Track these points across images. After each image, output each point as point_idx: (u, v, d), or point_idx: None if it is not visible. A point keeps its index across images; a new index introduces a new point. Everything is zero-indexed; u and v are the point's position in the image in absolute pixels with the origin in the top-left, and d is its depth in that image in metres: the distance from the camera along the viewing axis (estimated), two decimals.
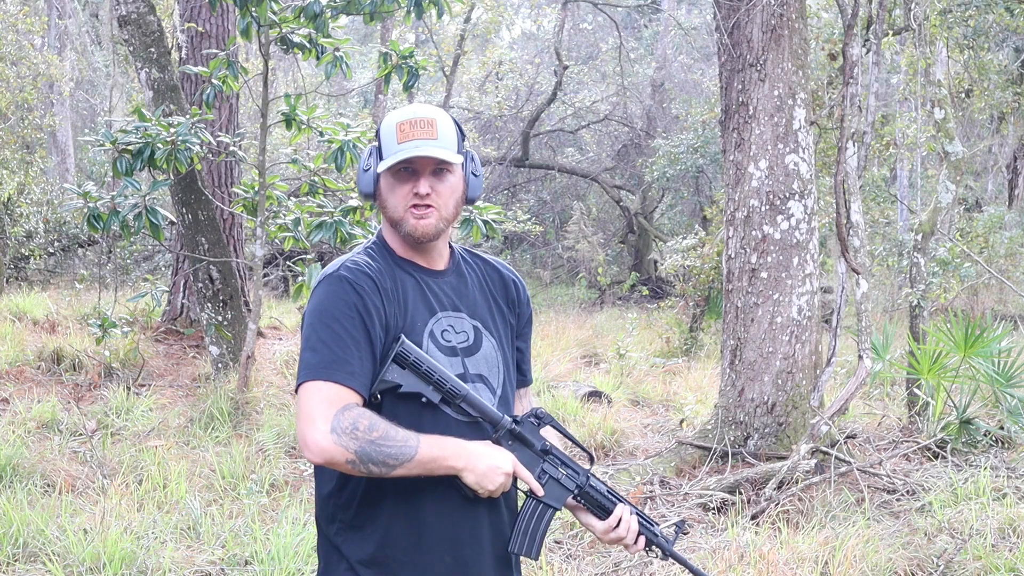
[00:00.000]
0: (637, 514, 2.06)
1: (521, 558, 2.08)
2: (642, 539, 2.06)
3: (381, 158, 1.97)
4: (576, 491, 2.03)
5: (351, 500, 1.93)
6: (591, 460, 2.11)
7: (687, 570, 2.12)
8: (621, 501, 2.05)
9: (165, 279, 11.13)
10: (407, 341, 1.89)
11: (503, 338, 2.08)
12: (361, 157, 2.02)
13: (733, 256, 6.03)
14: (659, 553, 2.09)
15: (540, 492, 1.98)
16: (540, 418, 2.00)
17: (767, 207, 5.86)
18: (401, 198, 1.95)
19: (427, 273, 2.01)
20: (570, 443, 2.11)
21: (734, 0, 5.94)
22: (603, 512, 2.05)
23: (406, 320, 1.93)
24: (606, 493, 2.05)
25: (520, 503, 2.04)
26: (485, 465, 1.87)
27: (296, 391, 1.86)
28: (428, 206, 1.94)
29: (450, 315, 1.99)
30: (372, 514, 1.92)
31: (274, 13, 6.01)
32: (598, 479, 2.06)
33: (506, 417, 1.97)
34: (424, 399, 1.90)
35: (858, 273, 5.70)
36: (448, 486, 1.91)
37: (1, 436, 5.51)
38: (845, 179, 5.77)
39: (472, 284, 2.07)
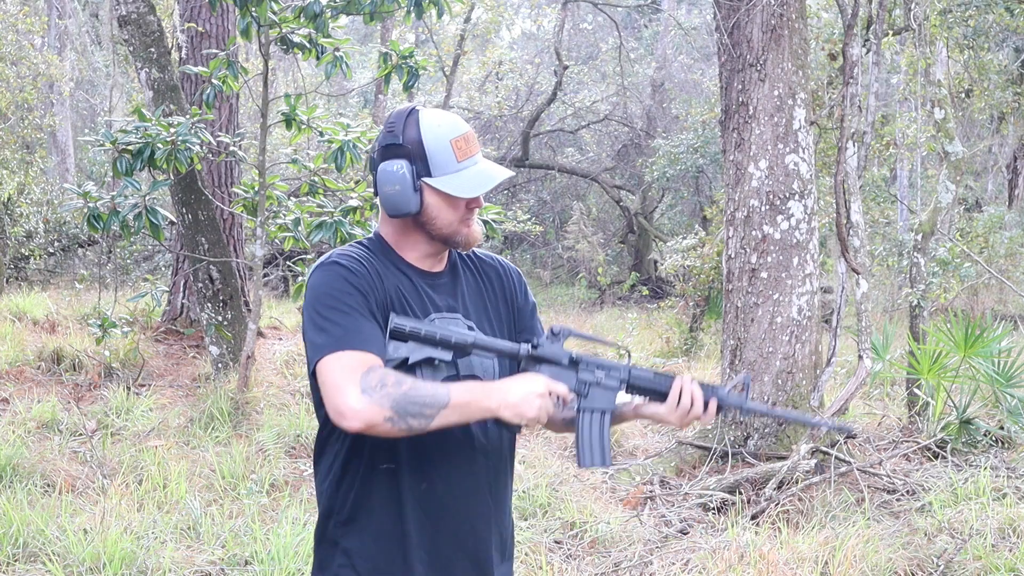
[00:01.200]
0: (698, 383, 2.01)
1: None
2: (713, 403, 2.01)
3: (430, 174, 1.92)
4: (623, 386, 2.00)
5: (346, 497, 1.95)
6: (628, 353, 2.08)
7: (772, 418, 2.09)
8: (672, 379, 2.01)
9: (165, 279, 11.13)
10: (396, 316, 1.90)
11: (500, 337, 2.08)
12: (392, 173, 1.92)
13: (733, 256, 6.03)
14: (734, 414, 2.05)
15: (569, 397, 1.95)
16: (557, 333, 1.98)
17: (767, 207, 5.86)
18: (459, 214, 1.96)
19: (422, 275, 2.01)
20: (601, 345, 2.09)
21: (734, 0, 5.94)
22: (660, 395, 2.00)
23: None
24: (653, 378, 2.01)
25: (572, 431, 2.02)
26: (517, 396, 1.85)
27: (313, 372, 1.84)
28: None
29: (445, 317, 2.00)
30: (367, 508, 1.94)
31: (274, 13, 6.01)
32: (640, 368, 2.01)
33: (523, 345, 1.97)
34: (436, 362, 1.90)
35: (858, 273, 5.70)
36: (432, 482, 1.92)
37: (1, 436, 5.51)
38: (845, 179, 5.77)
39: (468, 284, 2.07)
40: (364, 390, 1.76)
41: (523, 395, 1.85)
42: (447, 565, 1.96)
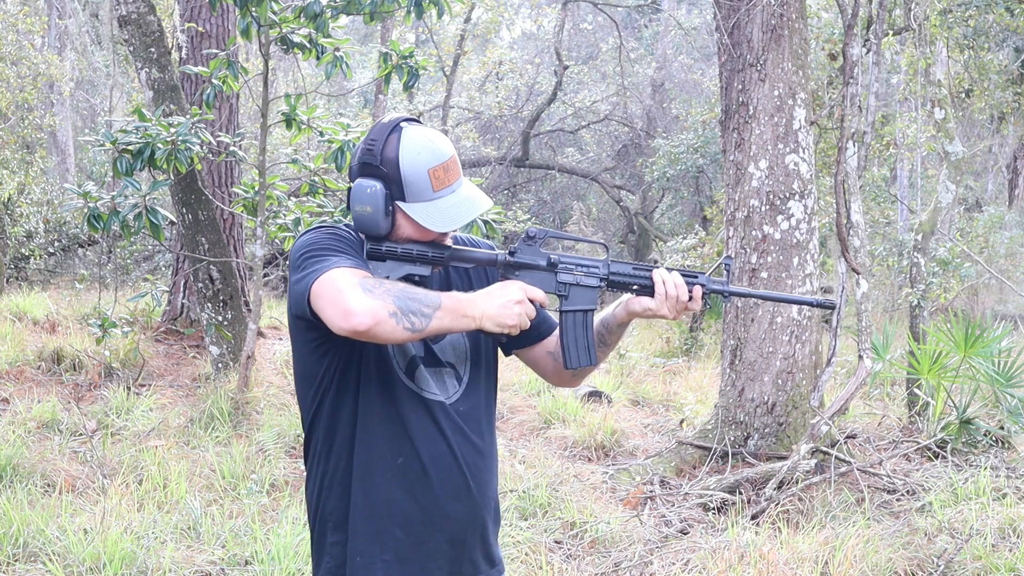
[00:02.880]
0: (678, 271, 2.03)
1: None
2: (697, 290, 2.02)
3: (404, 199, 1.93)
4: (602, 283, 2.01)
5: (334, 472, 1.98)
6: (606, 248, 2.10)
7: (755, 299, 2.07)
8: (652, 269, 2.03)
9: (165, 279, 11.13)
10: (367, 242, 1.95)
11: None
12: (366, 193, 1.92)
13: (733, 256, 6.03)
14: (721, 295, 2.04)
15: (547, 303, 1.98)
16: (534, 236, 2.01)
17: (767, 207, 5.86)
18: (429, 239, 1.98)
19: None
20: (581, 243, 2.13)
21: (734, 0, 5.94)
22: (643, 289, 2.02)
23: None
24: (633, 271, 2.02)
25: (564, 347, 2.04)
26: (496, 306, 1.88)
27: (309, 298, 1.83)
28: None
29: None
30: (352, 482, 1.97)
31: (274, 13, 6.01)
32: (620, 262, 2.03)
33: (500, 254, 2.00)
34: (416, 278, 1.94)
35: (858, 273, 5.70)
36: (407, 457, 1.95)
37: (1, 436, 5.51)
38: (845, 179, 5.77)
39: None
40: (365, 290, 1.78)
41: (501, 304, 1.88)
42: (420, 543, 1.96)
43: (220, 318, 7.11)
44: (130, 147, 5.86)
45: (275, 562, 3.92)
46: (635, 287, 2.02)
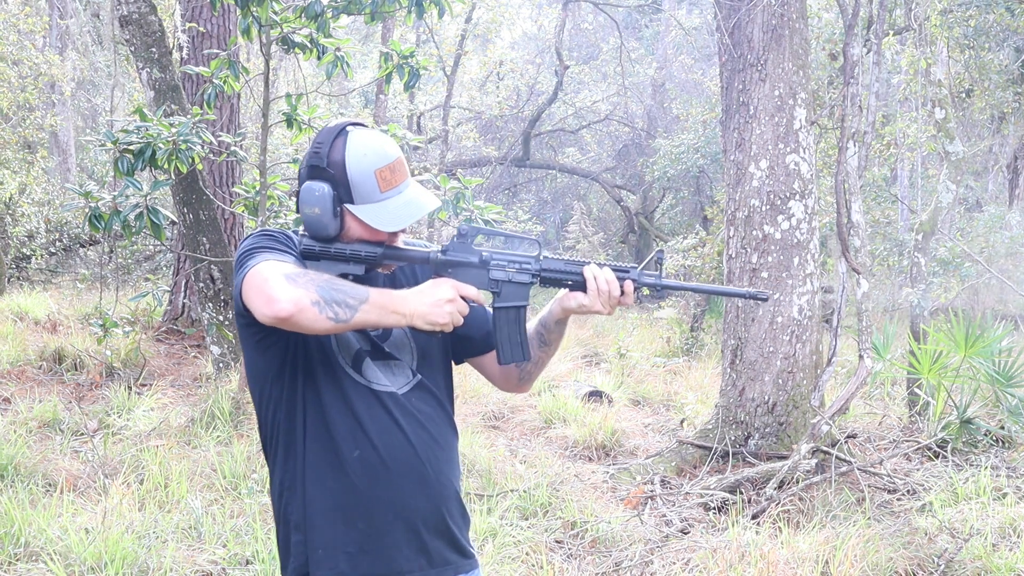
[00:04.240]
0: (609, 266, 2.03)
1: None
2: (629, 284, 2.03)
3: (352, 201, 1.95)
4: (534, 279, 2.03)
5: (293, 472, 1.98)
6: (538, 245, 2.10)
7: (688, 292, 2.09)
8: (583, 265, 2.03)
9: (166, 279, 11.14)
10: (303, 239, 1.96)
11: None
12: (314, 195, 1.94)
13: (734, 256, 6.03)
14: (653, 291, 2.05)
15: (480, 300, 1.99)
16: (465, 234, 2.02)
17: (768, 207, 5.86)
18: (381, 236, 1.99)
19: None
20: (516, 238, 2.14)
21: (735, 0, 5.94)
22: (576, 284, 2.03)
23: None
24: (564, 267, 2.03)
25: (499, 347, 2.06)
26: (427, 304, 1.89)
27: (241, 292, 1.85)
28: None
29: None
30: (310, 479, 1.97)
31: (275, 13, 6.01)
32: (552, 257, 2.04)
33: (432, 251, 2.01)
34: (351, 277, 1.94)
35: (859, 273, 5.70)
36: (364, 449, 1.94)
37: (3, 435, 5.52)
38: (846, 179, 5.77)
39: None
40: (289, 280, 1.79)
41: (432, 302, 1.89)
42: (383, 534, 1.96)
43: (221, 318, 7.11)
44: (131, 147, 5.86)
45: (276, 561, 3.92)
46: (568, 283, 2.04)
